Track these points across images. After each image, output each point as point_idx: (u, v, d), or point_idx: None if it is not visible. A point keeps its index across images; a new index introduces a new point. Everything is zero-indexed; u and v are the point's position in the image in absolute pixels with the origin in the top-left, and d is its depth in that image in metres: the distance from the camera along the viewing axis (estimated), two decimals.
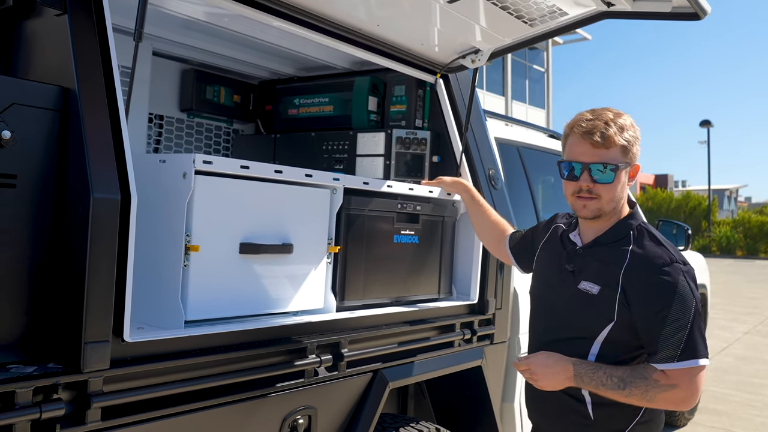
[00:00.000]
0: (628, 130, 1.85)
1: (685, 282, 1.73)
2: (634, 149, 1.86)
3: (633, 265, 1.79)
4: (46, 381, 1.38)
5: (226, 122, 3.39)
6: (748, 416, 5.67)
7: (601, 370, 1.77)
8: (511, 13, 2.36)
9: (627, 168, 1.86)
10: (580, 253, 1.92)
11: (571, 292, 1.88)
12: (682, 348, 1.69)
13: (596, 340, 1.83)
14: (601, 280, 1.83)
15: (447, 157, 2.82)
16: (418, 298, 2.53)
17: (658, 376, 1.72)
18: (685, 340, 1.69)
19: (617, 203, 1.88)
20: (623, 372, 1.75)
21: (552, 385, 1.83)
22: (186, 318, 1.74)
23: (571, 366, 1.80)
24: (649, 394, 1.71)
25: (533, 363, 1.86)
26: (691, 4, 2.16)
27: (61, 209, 1.50)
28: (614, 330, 1.81)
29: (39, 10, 1.61)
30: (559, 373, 1.81)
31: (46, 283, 1.49)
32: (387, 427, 2.38)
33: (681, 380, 1.70)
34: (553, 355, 1.85)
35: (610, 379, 1.75)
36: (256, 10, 2.06)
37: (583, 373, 1.78)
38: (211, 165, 1.76)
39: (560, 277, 1.95)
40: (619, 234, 1.87)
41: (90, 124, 1.47)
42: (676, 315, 1.70)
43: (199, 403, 1.67)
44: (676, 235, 4.71)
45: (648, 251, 1.80)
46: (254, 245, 1.90)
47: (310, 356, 1.97)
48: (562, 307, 1.92)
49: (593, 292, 1.82)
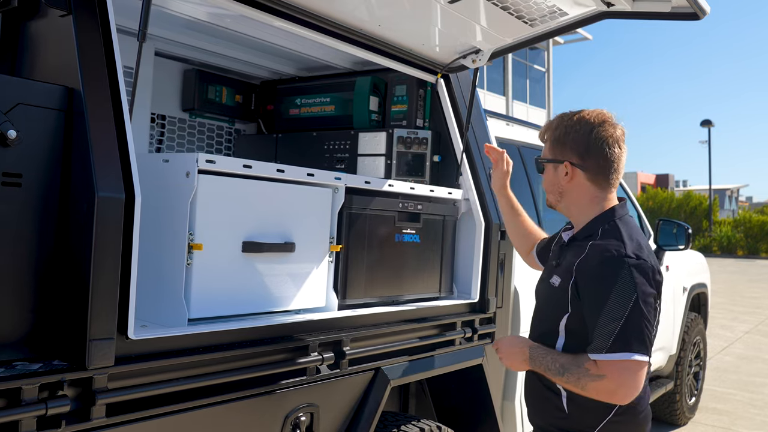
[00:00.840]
0: (567, 127, 1.90)
1: (627, 275, 1.72)
2: (567, 147, 1.90)
3: (585, 258, 1.82)
4: (52, 378, 1.40)
5: (228, 122, 3.41)
6: (749, 415, 5.68)
7: (550, 355, 1.83)
8: (512, 13, 2.38)
9: (557, 164, 1.92)
10: (562, 249, 1.99)
11: (546, 285, 1.97)
12: (613, 339, 1.69)
13: (559, 330, 1.88)
14: (563, 273, 1.88)
15: (448, 157, 2.84)
16: (419, 297, 2.54)
17: (589, 365, 1.73)
18: (617, 332, 1.69)
19: (561, 195, 1.95)
20: (566, 359, 1.79)
21: (511, 365, 1.93)
22: (189, 316, 1.76)
23: (527, 349, 1.89)
24: (581, 382, 1.74)
25: (500, 342, 1.99)
26: (690, 4, 2.17)
27: (65, 208, 1.52)
28: (570, 320, 1.84)
29: (44, 11, 1.63)
30: (517, 354, 1.91)
31: (51, 281, 1.51)
32: (388, 425, 2.39)
33: (609, 371, 1.70)
34: (519, 338, 1.97)
35: (554, 363, 1.80)
36: (258, 11, 2.07)
37: (536, 356, 1.86)
38: (214, 164, 1.77)
39: (547, 273, 2.03)
40: (590, 230, 1.90)
41: (95, 123, 1.49)
42: (612, 307, 1.71)
43: (202, 401, 1.69)
44: (676, 234, 4.71)
45: (601, 245, 1.81)
46: (257, 244, 1.91)
47: (312, 354, 1.98)
48: (541, 299, 2.03)
49: (555, 285, 1.89)
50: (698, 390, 5.61)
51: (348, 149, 2.96)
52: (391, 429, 2.37)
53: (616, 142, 1.88)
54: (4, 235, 1.43)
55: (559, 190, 1.95)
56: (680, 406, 5.18)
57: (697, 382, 5.60)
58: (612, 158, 1.87)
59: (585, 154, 1.88)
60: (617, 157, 1.88)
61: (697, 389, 5.60)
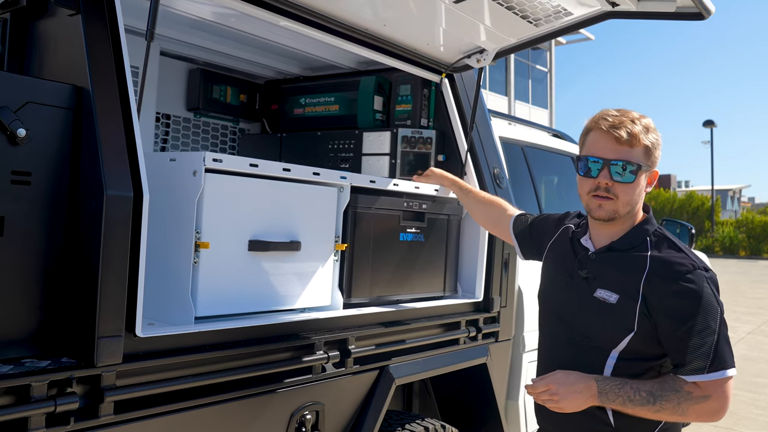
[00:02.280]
0: (653, 132, 1.79)
1: (709, 290, 1.67)
2: (657, 153, 1.80)
3: (654, 273, 1.71)
4: (61, 375, 1.40)
5: (233, 121, 3.42)
6: (751, 416, 5.68)
7: (628, 385, 1.68)
8: (517, 13, 2.38)
9: (648, 171, 1.79)
10: (593, 259, 1.84)
11: (587, 299, 1.80)
12: (712, 358, 1.63)
13: (614, 350, 1.75)
14: (619, 288, 1.75)
15: (452, 156, 2.84)
16: (423, 296, 2.55)
17: (691, 388, 1.65)
18: (713, 350, 1.63)
19: (633, 207, 1.80)
20: (651, 386, 1.67)
21: (576, 406, 1.71)
22: (196, 314, 1.76)
23: (594, 383, 1.70)
24: (681, 407, 1.64)
25: (553, 382, 1.73)
26: (695, 3, 2.18)
27: (74, 206, 1.53)
28: (633, 341, 1.73)
29: (52, 10, 1.64)
30: (582, 391, 1.69)
31: (59, 279, 1.52)
32: (393, 424, 2.40)
33: (714, 391, 1.64)
34: (573, 374, 1.74)
35: (638, 393, 1.66)
36: (263, 10, 2.08)
37: (608, 389, 1.68)
38: (221, 163, 1.78)
39: (572, 282, 1.87)
40: (635, 240, 1.80)
41: (103, 122, 1.49)
42: (703, 324, 1.64)
43: (208, 398, 1.70)
44: (679, 234, 4.72)
45: (669, 258, 1.73)
46: (263, 242, 1.92)
47: (317, 352, 1.99)
48: (577, 315, 1.84)
49: (611, 301, 1.75)
50: None
51: (352, 149, 2.97)
52: (395, 428, 2.38)
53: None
54: (14, 233, 1.44)
55: (638, 200, 1.81)
56: None
57: None
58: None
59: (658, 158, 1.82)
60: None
61: None
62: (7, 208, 1.43)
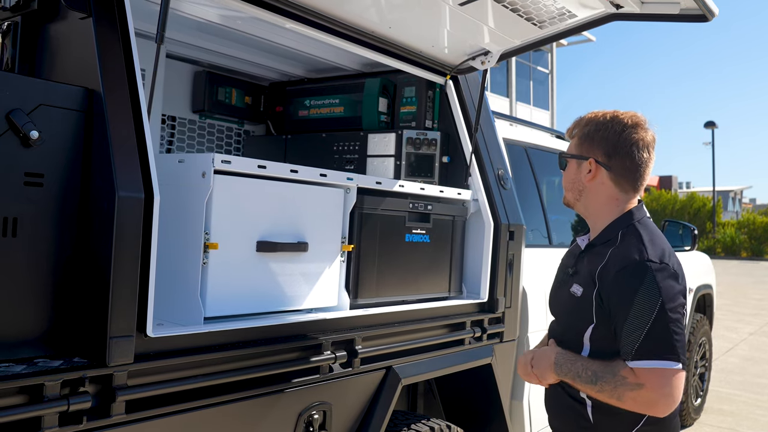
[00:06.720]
0: (594, 123, 1.86)
1: (651, 280, 1.67)
2: (594, 144, 1.84)
3: (606, 265, 1.77)
4: (74, 374, 1.42)
5: (237, 123, 3.43)
6: (754, 416, 5.68)
7: (579, 362, 1.75)
8: (521, 15, 2.39)
9: (581, 161, 1.87)
10: (579, 255, 1.93)
11: (566, 295, 1.89)
12: (639, 345, 1.64)
13: (583, 342, 1.81)
14: (584, 282, 1.82)
15: (457, 158, 2.85)
16: (429, 297, 2.56)
17: (626, 373, 1.66)
18: (644, 337, 1.64)
19: (582, 195, 1.90)
20: (598, 366, 1.71)
21: (540, 373, 1.85)
22: (205, 314, 1.78)
23: (554, 354, 1.82)
24: (617, 391, 1.66)
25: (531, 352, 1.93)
26: (698, 5, 2.19)
27: (86, 207, 1.54)
28: (595, 331, 1.78)
29: (64, 14, 1.65)
30: (543, 359, 1.84)
31: (71, 279, 1.53)
32: (398, 424, 2.41)
33: (647, 380, 1.63)
34: (549, 347, 1.89)
35: (585, 371, 1.72)
36: (269, 12, 2.09)
37: (563, 362, 1.78)
38: (230, 164, 1.79)
39: (563, 279, 1.97)
40: (609, 235, 1.84)
41: (115, 124, 1.51)
42: (637, 312, 1.66)
43: (217, 398, 1.71)
44: (682, 235, 4.73)
45: (623, 250, 1.76)
46: (271, 243, 1.93)
47: (325, 353, 2.00)
48: (561, 311, 1.96)
49: (578, 295, 1.82)
50: (704, 391, 5.62)
51: (357, 150, 2.98)
52: (401, 428, 2.39)
53: (646, 147, 1.82)
54: (27, 234, 1.45)
55: (579, 188, 1.90)
56: (686, 407, 5.19)
57: (703, 383, 5.61)
58: (639, 162, 1.82)
59: (612, 153, 1.82)
60: (645, 162, 1.83)
61: (703, 390, 5.61)
62: (20, 209, 1.44)
